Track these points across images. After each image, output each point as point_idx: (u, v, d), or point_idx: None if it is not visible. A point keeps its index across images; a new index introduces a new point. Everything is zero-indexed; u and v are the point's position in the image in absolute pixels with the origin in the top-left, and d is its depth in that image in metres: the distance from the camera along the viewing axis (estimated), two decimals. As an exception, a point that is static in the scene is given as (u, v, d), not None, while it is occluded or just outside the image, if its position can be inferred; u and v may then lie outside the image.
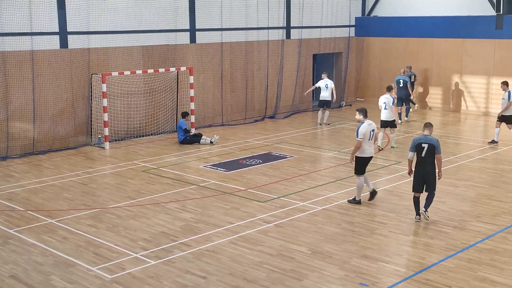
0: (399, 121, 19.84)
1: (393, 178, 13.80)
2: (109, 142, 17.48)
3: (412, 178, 10.94)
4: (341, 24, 25.08)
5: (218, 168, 14.89)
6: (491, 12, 21.99)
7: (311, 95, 24.14)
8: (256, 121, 21.69)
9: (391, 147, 16.82)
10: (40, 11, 16.37)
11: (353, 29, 25.65)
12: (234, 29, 21.19)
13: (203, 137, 17.81)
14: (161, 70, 18.61)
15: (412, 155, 10.87)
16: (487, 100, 22.09)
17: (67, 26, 16.99)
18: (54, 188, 13.34)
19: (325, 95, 20.27)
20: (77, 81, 17.38)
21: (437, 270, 8.86)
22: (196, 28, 20.07)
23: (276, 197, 12.53)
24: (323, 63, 25.64)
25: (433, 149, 10.56)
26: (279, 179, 13.91)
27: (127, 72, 17.62)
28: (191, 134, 17.87)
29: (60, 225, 10.94)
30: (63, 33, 16.96)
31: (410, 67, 22.09)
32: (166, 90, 19.39)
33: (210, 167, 15.02)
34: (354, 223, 10.95)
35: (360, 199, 11.91)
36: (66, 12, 16.90)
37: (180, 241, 10.10)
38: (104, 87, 17.07)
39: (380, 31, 25.04)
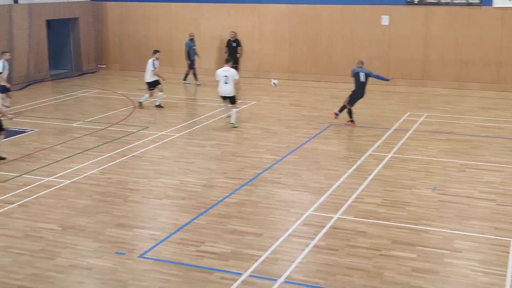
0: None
1: (142, 144, 13.78)
2: None
3: None
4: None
5: None
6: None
7: (47, 65, 22.76)
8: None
9: (230, 123, 15.34)
10: None
11: (88, -7, 24.70)
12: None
13: None
14: None
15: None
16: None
17: None
18: None
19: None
20: None
21: (191, 229, 9.13)
22: None
23: (17, 175, 11.59)
24: (59, 29, 24.22)
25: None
26: (20, 155, 12.89)
27: None
28: None
29: None
30: None
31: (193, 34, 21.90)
32: None
33: None
34: (106, 193, 10.69)
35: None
36: None
37: None
38: None
39: (117, -5, 24.52)
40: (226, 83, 15.11)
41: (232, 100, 15.39)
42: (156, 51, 17.56)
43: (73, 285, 7.55)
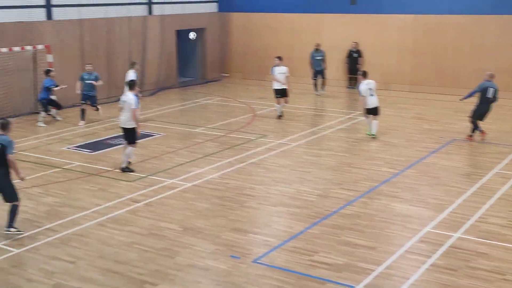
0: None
1: (260, 152, 14.08)
2: (-41, 126, 16.11)
3: None
4: (204, 0, 25.00)
5: (83, 149, 14.32)
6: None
7: (176, 73, 23.92)
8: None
9: (370, 134, 15.29)
10: None
11: (215, 4, 25.64)
12: (93, 5, 20.32)
13: (55, 113, 17.63)
14: (16, 48, 17.43)
15: None
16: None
17: None
18: None
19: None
20: None
21: (304, 238, 9.21)
22: (52, 3, 18.96)
23: (144, 175, 12.30)
24: (187, 39, 25.39)
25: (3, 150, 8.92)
26: (147, 157, 13.66)
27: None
28: (53, 98, 17.30)
29: None
30: None
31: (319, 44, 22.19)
32: (22, 70, 18.19)
33: (74, 149, 14.40)
34: (224, 197, 11.06)
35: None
36: None
37: (45, 227, 9.63)
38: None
39: (242, 6, 25.22)
40: (371, 95, 15.11)
41: (377, 111, 15.26)
42: (276, 58, 17.54)
43: (191, 284, 7.89)
